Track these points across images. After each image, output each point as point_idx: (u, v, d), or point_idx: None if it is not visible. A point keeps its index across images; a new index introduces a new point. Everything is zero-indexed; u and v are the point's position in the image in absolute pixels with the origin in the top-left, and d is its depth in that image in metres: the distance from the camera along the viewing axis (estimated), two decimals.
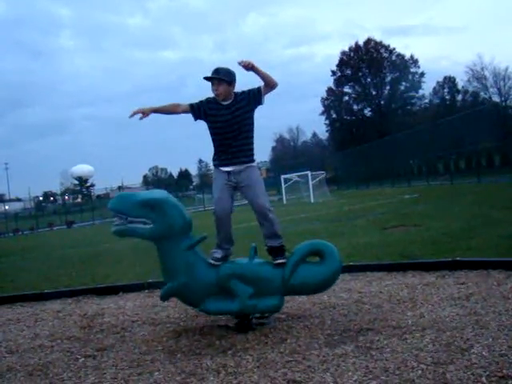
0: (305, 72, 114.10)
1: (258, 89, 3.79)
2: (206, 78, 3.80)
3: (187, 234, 3.70)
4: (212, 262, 3.73)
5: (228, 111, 3.78)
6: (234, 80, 3.81)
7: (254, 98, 3.80)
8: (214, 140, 3.90)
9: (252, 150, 3.91)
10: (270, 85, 3.76)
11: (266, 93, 3.80)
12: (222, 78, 3.73)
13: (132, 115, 3.82)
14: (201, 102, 3.92)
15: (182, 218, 3.67)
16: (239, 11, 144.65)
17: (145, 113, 3.82)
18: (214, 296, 3.65)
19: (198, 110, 3.90)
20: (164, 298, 3.84)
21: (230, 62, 3.65)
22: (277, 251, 3.75)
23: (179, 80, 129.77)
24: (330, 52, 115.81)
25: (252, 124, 3.90)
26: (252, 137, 3.91)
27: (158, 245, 3.68)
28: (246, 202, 3.94)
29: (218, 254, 3.78)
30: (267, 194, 3.88)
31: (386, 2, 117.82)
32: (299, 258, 3.68)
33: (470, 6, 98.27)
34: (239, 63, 3.60)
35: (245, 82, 3.91)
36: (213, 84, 3.78)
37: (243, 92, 3.84)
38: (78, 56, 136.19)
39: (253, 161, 3.90)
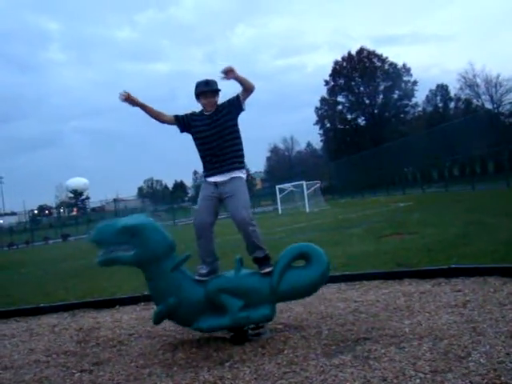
0: (297, 82, 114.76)
1: (237, 96, 3.84)
2: (199, 93, 3.82)
3: (170, 256, 3.67)
4: (198, 277, 3.72)
5: (210, 120, 3.82)
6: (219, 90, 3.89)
7: (234, 105, 3.84)
8: (199, 151, 3.91)
9: (240, 157, 3.88)
10: (248, 89, 3.80)
11: (246, 98, 3.84)
12: (217, 89, 3.83)
13: (122, 97, 3.81)
14: (185, 114, 3.97)
15: (164, 241, 3.64)
16: (227, 23, 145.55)
17: (133, 100, 3.82)
18: (206, 313, 3.63)
19: (183, 122, 3.93)
20: (156, 321, 3.83)
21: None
22: (262, 261, 3.74)
23: (170, 92, 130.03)
24: (320, 62, 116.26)
25: (237, 132, 3.90)
26: (239, 144, 3.90)
27: (143, 269, 3.67)
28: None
29: (204, 269, 3.76)
30: (250, 207, 3.84)
31: (373, 11, 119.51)
32: (285, 264, 3.67)
33: (458, 15, 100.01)
34: (221, 72, 3.66)
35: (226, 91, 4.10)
36: (206, 97, 3.82)
37: (223, 102, 3.89)
38: (67, 69, 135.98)
39: (241, 168, 3.86)
